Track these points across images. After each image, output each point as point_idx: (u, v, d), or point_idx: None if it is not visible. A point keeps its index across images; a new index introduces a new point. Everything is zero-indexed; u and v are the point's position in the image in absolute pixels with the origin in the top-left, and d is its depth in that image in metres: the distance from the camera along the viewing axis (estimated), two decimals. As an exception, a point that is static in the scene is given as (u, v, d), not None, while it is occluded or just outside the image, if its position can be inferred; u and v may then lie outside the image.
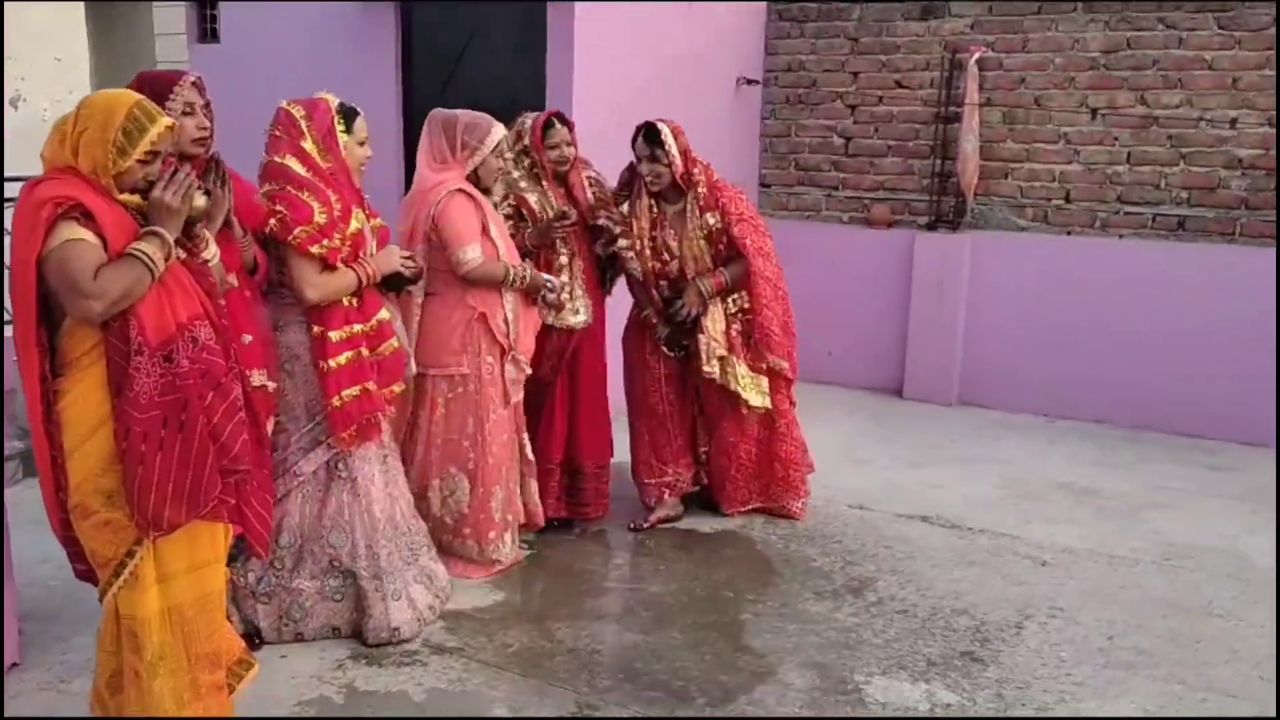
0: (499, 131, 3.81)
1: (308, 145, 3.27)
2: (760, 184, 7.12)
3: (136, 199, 2.48)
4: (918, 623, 3.68)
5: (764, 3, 6.87)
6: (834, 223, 6.94)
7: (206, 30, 6.72)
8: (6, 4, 10.39)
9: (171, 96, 2.88)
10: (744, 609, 3.77)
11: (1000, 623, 3.70)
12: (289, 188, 3.19)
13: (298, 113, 3.31)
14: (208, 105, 3.00)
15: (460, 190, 3.74)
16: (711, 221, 4.26)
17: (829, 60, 6.79)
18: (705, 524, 4.54)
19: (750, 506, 4.61)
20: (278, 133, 3.30)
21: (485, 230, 3.77)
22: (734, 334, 4.34)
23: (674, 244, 4.27)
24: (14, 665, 3.16)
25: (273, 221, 3.16)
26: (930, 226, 6.56)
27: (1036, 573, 4.11)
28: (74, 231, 2.35)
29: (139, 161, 2.45)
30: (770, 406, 4.40)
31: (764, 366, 4.35)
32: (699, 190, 4.25)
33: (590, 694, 3.17)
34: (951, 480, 5.16)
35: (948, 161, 6.46)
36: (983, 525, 4.57)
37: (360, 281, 3.31)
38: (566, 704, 3.11)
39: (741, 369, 4.32)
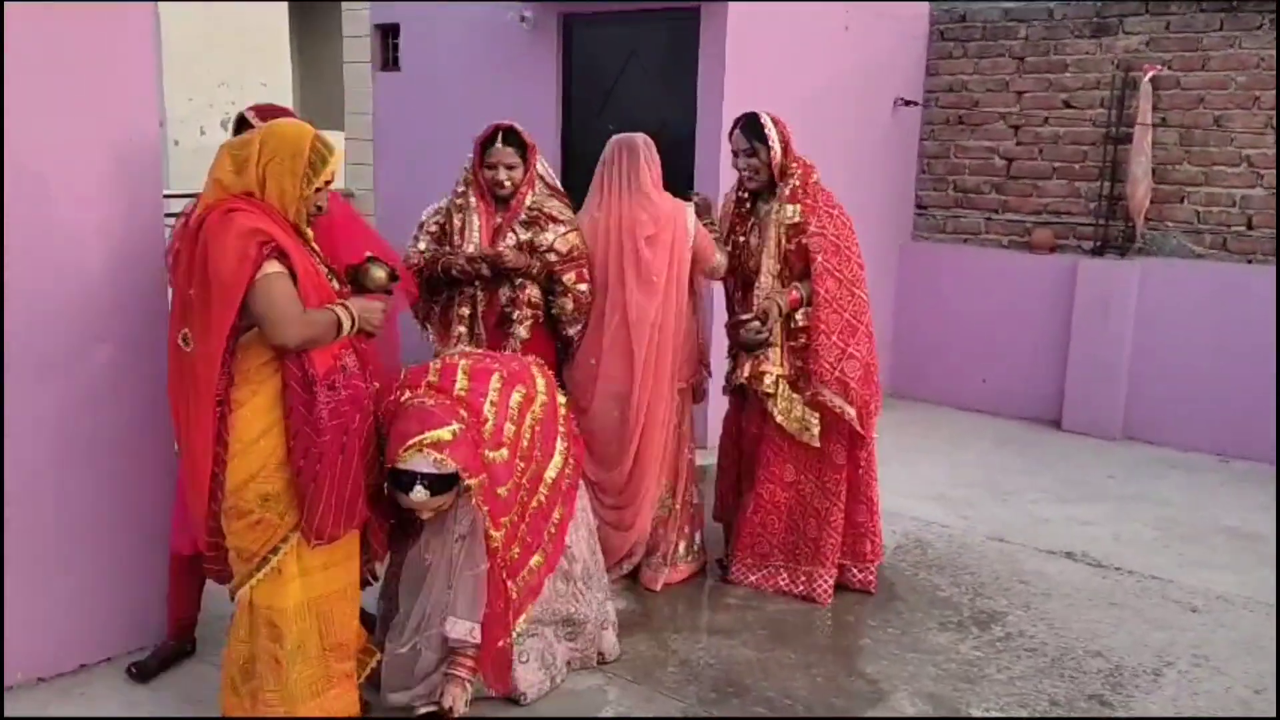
0: None
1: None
2: (917, 206, 7.00)
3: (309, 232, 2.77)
4: (1046, 661, 3.54)
5: (925, 23, 6.76)
6: (993, 246, 6.73)
7: (388, 59, 7.15)
8: (222, 33, 11.38)
9: None
10: (863, 634, 3.72)
11: (1137, 668, 3.51)
12: None
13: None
14: None
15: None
16: (790, 212, 3.80)
17: (992, 80, 6.62)
18: (834, 547, 4.49)
19: (767, 575, 3.97)
20: None
21: None
22: (788, 353, 3.83)
23: (754, 241, 3.88)
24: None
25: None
26: (1096, 252, 6.28)
27: (1184, 618, 3.88)
28: (276, 266, 2.59)
29: (317, 189, 2.69)
30: (815, 444, 3.81)
31: (820, 401, 3.77)
32: (791, 182, 3.83)
33: (696, 705, 3.20)
34: (1103, 518, 4.92)
35: (1117, 184, 6.17)
36: (1131, 566, 4.35)
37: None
38: (671, 712, 3.16)
39: (787, 391, 3.81)
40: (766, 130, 3.79)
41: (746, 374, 3.84)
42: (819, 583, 3.90)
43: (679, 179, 5.65)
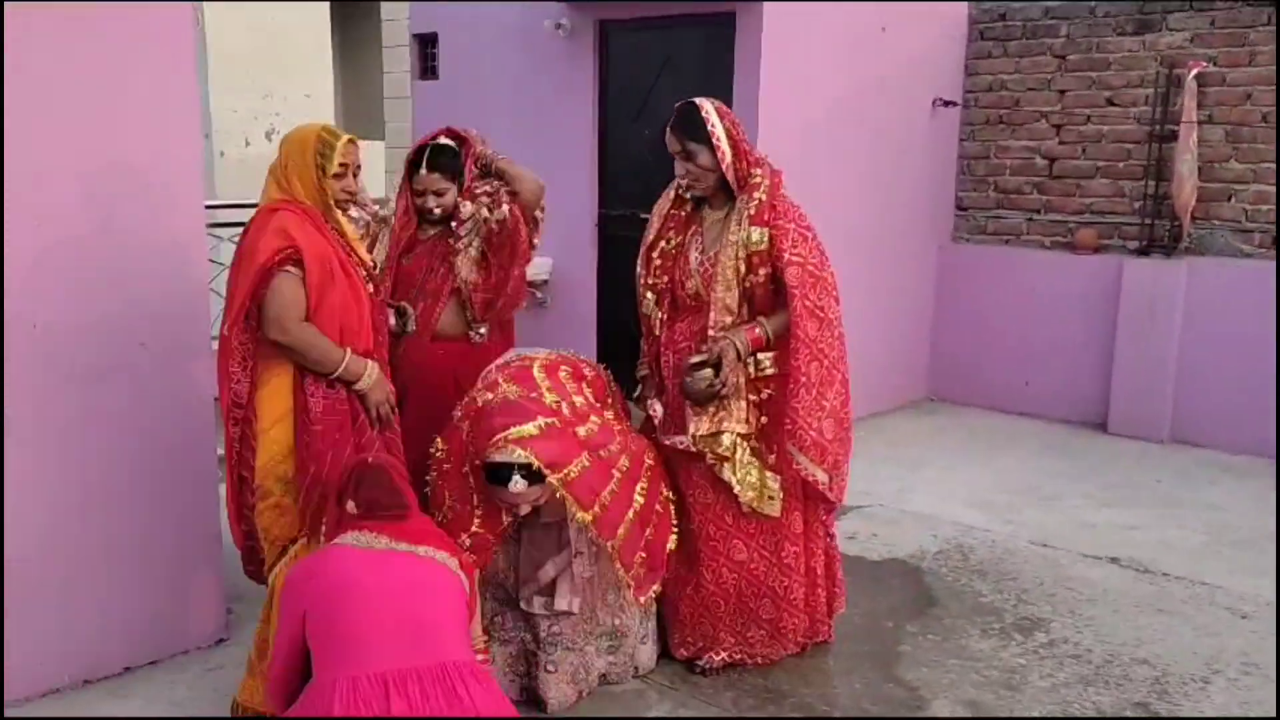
0: None
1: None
2: (957, 207, 6.93)
3: (350, 227, 2.87)
4: (1091, 669, 3.48)
5: (964, 23, 6.69)
6: (1035, 247, 6.64)
7: (427, 68, 7.22)
8: (266, 45, 11.54)
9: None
10: (903, 640, 3.68)
11: (1184, 675, 3.44)
12: None
13: None
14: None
15: None
16: (755, 239, 3.03)
17: (1033, 79, 6.53)
18: (874, 550, 4.45)
19: (718, 654, 3.31)
20: None
21: None
22: (750, 407, 3.14)
23: (694, 257, 3.16)
24: (221, 640, 3.52)
25: None
26: (1142, 251, 6.17)
27: (1234, 625, 3.80)
28: (291, 269, 2.72)
29: (335, 176, 2.78)
30: (776, 515, 3.17)
31: (790, 466, 3.13)
32: (755, 196, 3.06)
33: (733, 710, 3.19)
34: (1150, 522, 4.83)
35: (1162, 183, 6.07)
36: (1179, 572, 4.26)
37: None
38: (711, 714, 3.15)
39: (745, 454, 3.13)
40: (710, 127, 3.01)
41: (704, 430, 3.11)
42: (776, 656, 3.37)
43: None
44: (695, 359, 3.04)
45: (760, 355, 3.12)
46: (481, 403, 2.93)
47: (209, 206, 4.28)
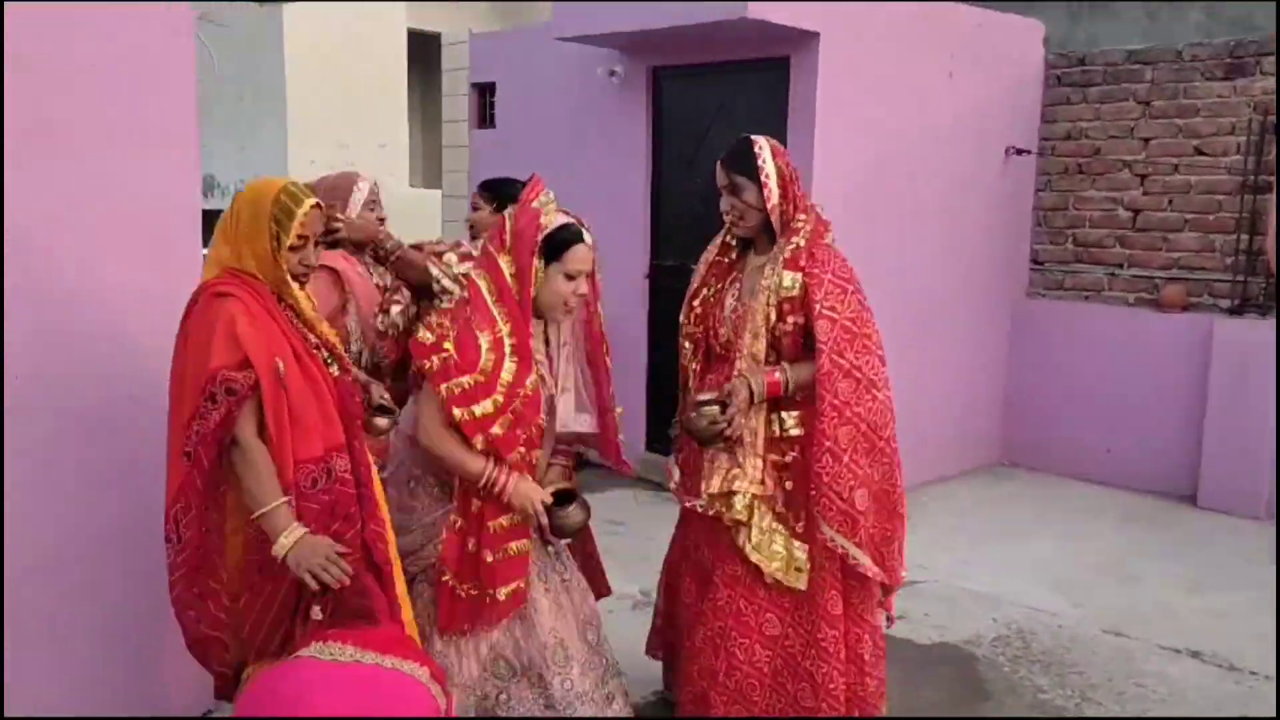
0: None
1: (502, 260, 2.69)
2: (1032, 261, 6.54)
3: (302, 297, 2.50)
4: (1162, 783, 3.08)
5: (1039, 67, 6.36)
6: (1117, 304, 6.22)
7: (485, 116, 7.17)
8: (344, 95, 11.75)
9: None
10: (948, 739, 3.33)
11: (1272, 797, 3.02)
12: (469, 312, 2.66)
13: (509, 222, 2.74)
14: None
15: None
16: (788, 284, 2.82)
17: (1116, 126, 6.16)
18: (924, 632, 4.09)
19: None
20: (490, 244, 2.77)
21: None
22: (770, 468, 2.88)
23: (729, 303, 2.97)
24: (208, 712, 3.33)
25: (433, 361, 2.59)
26: (1234, 311, 5.71)
27: (1334, 738, 3.35)
28: (249, 428, 2.34)
29: (291, 249, 2.41)
30: (802, 588, 2.87)
31: (820, 537, 2.82)
32: (794, 240, 2.86)
33: (748, 817, 2.88)
34: (1240, 609, 4.36)
35: (1256, 237, 5.62)
36: (1269, 670, 3.80)
37: (483, 478, 2.66)
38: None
39: (767, 519, 2.87)
40: (760, 162, 2.85)
41: (715, 488, 2.87)
42: None
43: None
44: (704, 395, 2.82)
45: (785, 414, 2.86)
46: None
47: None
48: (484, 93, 7.14)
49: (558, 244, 2.67)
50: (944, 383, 6.15)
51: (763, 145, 2.88)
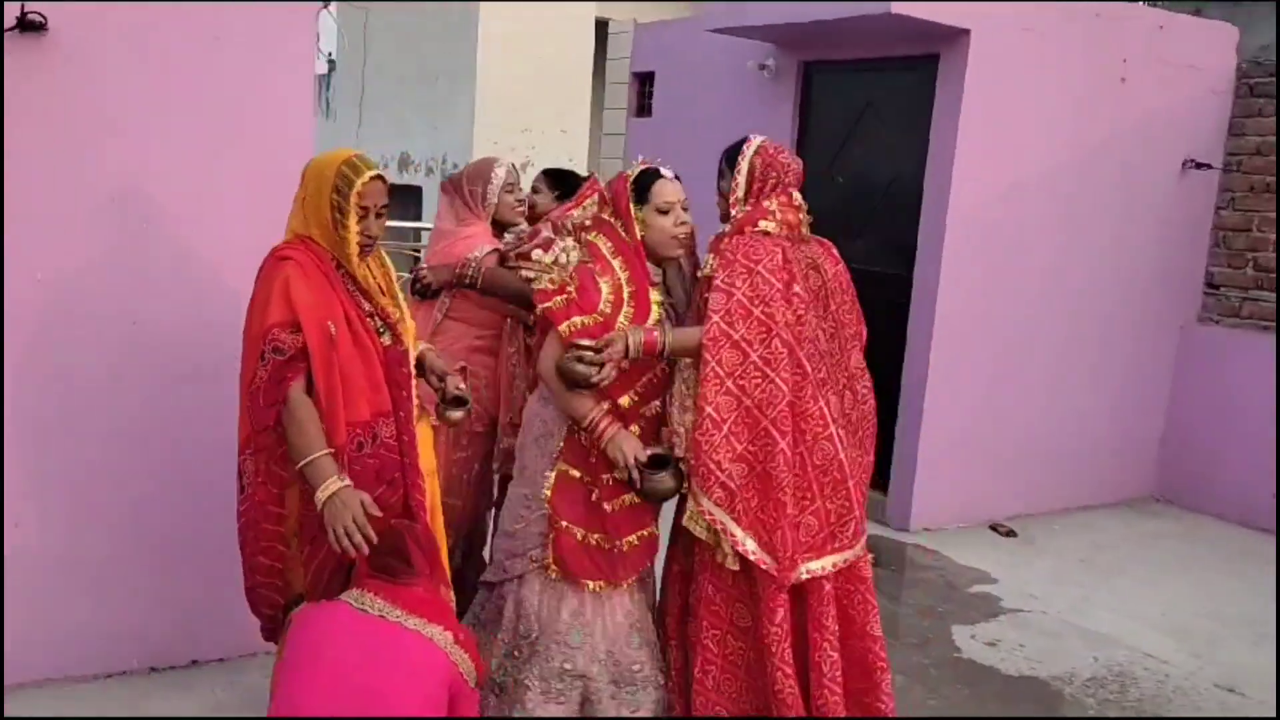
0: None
1: (613, 220, 2.90)
2: (1207, 284, 6.05)
3: (373, 264, 2.62)
4: None
5: (1229, 76, 5.86)
6: (1298, 337, 5.68)
7: (643, 106, 7.25)
8: (531, 80, 12.14)
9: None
10: (1008, 776, 3.16)
11: None
12: (590, 262, 2.83)
13: (606, 191, 2.96)
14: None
15: None
16: (709, 266, 2.85)
17: (1314, 143, 5.61)
18: (1012, 663, 3.88)
19: None
20: (599, 213, 2.98)
21: None
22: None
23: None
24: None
25: (555, 300, 2.76)
26: None
27: None
28: (299, 386, 2.45)
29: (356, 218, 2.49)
30: (731, 565, 2.74)
31: (700, 509, 2.73)
32: (724, 227, 2.90)
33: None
34: (1388, 686, 3.92)
35: None
36: (1404, 754, 3.42)
37: (587, 420, 2.76)
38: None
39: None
40: (740, 158, 2.88)
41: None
42: None
43: (906, 235, 5.25)
44: (584, 342, 2.71)
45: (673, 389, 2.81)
46: None
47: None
48: (644, 82, 7.22)
49: (642, 185, 2.86)
50: (1097, 407, 5.80)
51: (752, 143, 2.92)
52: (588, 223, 3.01)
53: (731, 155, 2.92)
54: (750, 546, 2.67)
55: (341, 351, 2.49)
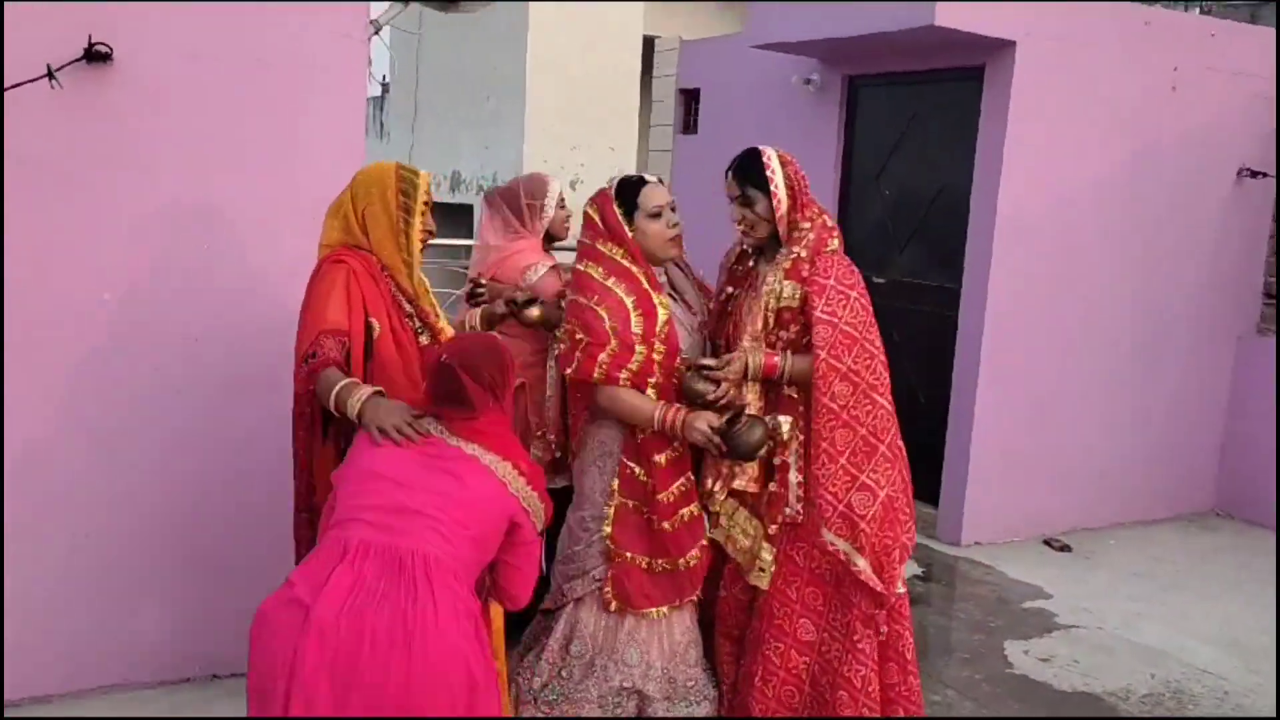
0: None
1: (601, 245, 2.90)
2: (1265, 295, 5.94)
3: (416, 267, 2.72)
4: None
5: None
6: (1361, 347, 5.55)
7: (690, 122, 7.31)
8: (580, 98, 12.26)
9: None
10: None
11: None
12: (580, 297, 2.86)
13: (591, 210, 2.96)
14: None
15: None
16: (787, 294, 2.84)
17: (1374, 148, 5.50)
18: (1066, 678, 3.83)
19: None
20: (583, 238, 2.98)
21: None
22: (761, 467, 2.90)
23: (747, 306, 2.96)
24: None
25: (576, 358, 2.82)
26: None
27: None
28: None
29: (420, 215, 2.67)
30: (765, 586, 2.90)
31: (820, 540, 2.82)
32: (795, 250, 2.86)
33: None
34: None
35: None
36: None
37: (655, 421, 2.81)
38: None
39: (741, 514, 2.93)
40: (769, 173, 2.86)
41: (716, 488, 2.91)
42: None
43: (954, 246, 5.22)
44: (705, 361, 2.84)
45: (780, 418, 2.81)
46: None
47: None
48: (690, 98, 7.28)
49: (628, 192, 2.91)
50: (1153, 419, 5.71)
51: (771, 155, 2.90)
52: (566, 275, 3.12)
53: (754, 175, 2.88)
54: (865, 568, 2.78)
55: (382, 350, 2.62)
